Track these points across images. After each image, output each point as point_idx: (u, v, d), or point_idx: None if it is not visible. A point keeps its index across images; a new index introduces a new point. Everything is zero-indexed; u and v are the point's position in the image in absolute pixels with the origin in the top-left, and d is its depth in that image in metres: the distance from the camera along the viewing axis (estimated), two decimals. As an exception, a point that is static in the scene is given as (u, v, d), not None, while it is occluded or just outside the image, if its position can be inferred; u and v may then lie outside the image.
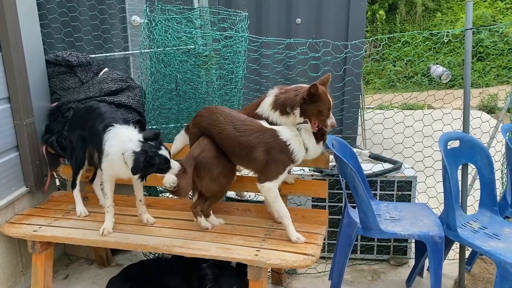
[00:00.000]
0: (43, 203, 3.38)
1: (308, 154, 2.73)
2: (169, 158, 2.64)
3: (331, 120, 2.64)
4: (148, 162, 2.56)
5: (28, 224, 3.02)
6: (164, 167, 2.63)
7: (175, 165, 2.66)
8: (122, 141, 2.67)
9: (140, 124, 3.41)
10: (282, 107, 2.73)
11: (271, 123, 2.78)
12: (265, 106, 2.83)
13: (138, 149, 2.59)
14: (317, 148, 2.74)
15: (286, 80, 4.28)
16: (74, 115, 3.18)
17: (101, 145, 2.75)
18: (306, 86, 2.67)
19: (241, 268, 2.75)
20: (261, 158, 2.66)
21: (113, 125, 2.76)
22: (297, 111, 2.65)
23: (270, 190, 2.66)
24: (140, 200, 3.01)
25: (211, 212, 2.93)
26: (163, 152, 2.63)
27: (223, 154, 2.79)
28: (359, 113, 5.56)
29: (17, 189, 3.22)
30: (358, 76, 4.50)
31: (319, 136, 2.73)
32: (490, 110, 8.48)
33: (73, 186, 3.21)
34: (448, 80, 3.77)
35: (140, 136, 2.67)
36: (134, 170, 2.56)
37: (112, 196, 2.92)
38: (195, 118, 2.95)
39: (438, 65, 3.83)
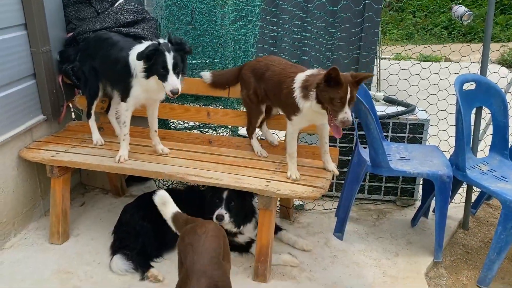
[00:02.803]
0: (59, 132, 3.47)
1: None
2: (168, 66, 2.56)
3: (343, 115, 2.37)
4: (150, 52, 2.54)
5: (46, 150, 3.12)
6: (160, 69, 2.57)
7: (170, 80, 2.57)
8: (142, 47, 2.63)
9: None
10: (305, 89, 2.57)
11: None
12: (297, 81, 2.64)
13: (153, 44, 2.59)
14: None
15: (303, 22, 4.20)
16: (84, 46, 3.19)
17: (128, 66, 2.73)
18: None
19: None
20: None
21: (136, 45, 2.75)
22: (313, 94, 2.49)
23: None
24: (155, 131, 3.07)
25: None
26: (167, 56, 2.55)
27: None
28: (375, 62, 5.46)
29: (35, 117, 3.29)
30: (377, 12, 4.28)
31: None
32: (510, 65, 8.27)
33: (88, 116, 3.28)
34: (469, 20, 3.66)
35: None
36: (138, 56, 2.57)
37: (129, 126, 2.98)
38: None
39: (460, 5, 3.70)
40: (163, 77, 2.59)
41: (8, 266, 2.87)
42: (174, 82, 2.58)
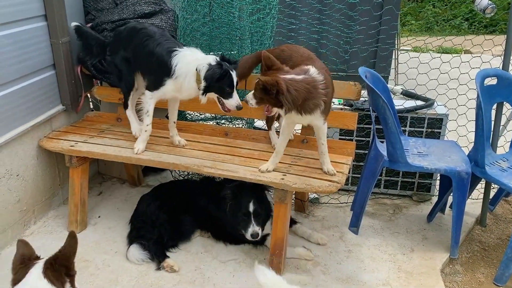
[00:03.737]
0: (78, 122, 3.51)
1: None
2: (234, 84, 2.68)
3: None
4: (222, 75, 2.62)
5: (65, 140, 3.16)
6: (226, 88, 2.67)
7: (235, 97, 2.69)
8: (193, 59, 2.71)
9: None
10: None
11: None
12: None
13: (214, 64, 2.64)
14: None
15: (321, 15, 4.15)
16: (116, 37, 3.12)
17: (166, 67, 2.74)
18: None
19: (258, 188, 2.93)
20: None
21: (177, 49, 2.76)
22: None
23: None
24: (174, 122, 3.09)
25: None
26: (234, 77, 2.67)
27: None
28: (394, 55, 5.37)
29: (54, 107, 3.34)
30: (397, 4, 4.21)
31: None
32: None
33: (126, 106, 3.23)
34: (492, 14, 3.57)
35: (214, 57, 2.70)
36: (208, 77, 2.62)
37: (152, 116, 2.97)
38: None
39: (484, -3, 3.62)
40: (228, 95, 2.70)
41: (28, 253, 2.94)
42: (238, 99, 2.72)
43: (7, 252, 2.94)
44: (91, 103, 4.02)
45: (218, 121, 3.90)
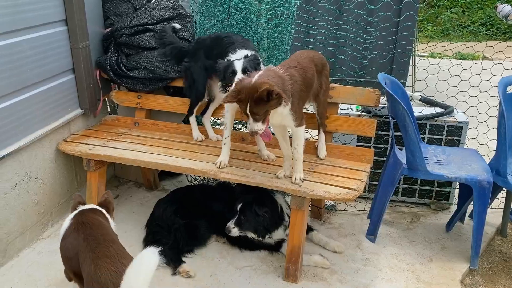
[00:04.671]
0: (96, 125, 3.54)
1: None
2: (236, 70, 2.59)
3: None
4: (221, 67, 2.65)
5: (83, 143, 3.19)
6: (228, 76, 2.63)
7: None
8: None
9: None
10: None
11: None
12: None
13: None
14: None
15: (340, 21, 4.12)
16: (198, 45, 3.12)
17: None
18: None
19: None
20: None
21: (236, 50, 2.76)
22: None
23: None
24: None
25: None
26: (235, 65, 2.61)
27: None
28: (411, 61, 5.30)
29: (73, 111, 3.37)
30: (416, 10, 4.16)
31: None
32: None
33: (190, 113, 3.28)
34: (515, 20, 3.51)
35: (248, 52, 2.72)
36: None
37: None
38: None
39: (506, 4, 3.53)
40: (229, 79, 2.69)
41: (46, 255, 2.96)
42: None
43: (25, 254, 2.97)
44: (109, 107, 4.05)
45: (234, 126, 3.89)
